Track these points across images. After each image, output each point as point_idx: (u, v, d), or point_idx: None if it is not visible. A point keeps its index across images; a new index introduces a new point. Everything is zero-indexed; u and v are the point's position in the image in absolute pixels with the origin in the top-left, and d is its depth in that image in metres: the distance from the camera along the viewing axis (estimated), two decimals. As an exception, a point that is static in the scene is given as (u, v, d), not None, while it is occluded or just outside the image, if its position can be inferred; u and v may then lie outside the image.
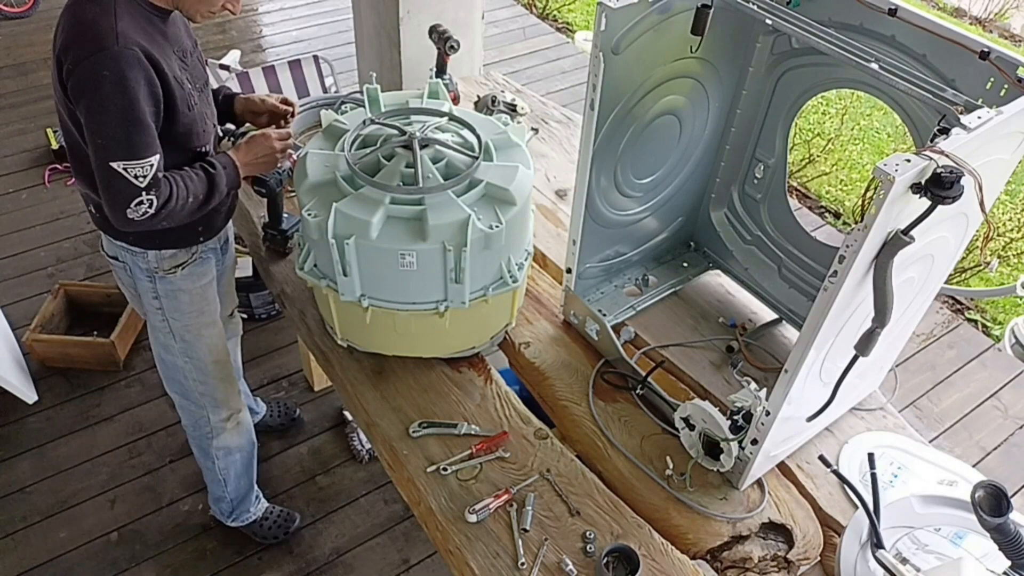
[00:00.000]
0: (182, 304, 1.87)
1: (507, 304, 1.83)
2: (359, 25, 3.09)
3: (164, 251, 1.78)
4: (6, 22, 4.96)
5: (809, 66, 1.72)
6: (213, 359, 2.00)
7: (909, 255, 1.24)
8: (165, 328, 1.90)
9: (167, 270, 1.80)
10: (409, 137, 1.70)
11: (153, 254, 1.77)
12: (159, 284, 1.82)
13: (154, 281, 1.82)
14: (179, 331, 1.91)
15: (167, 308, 1.87)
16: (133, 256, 1.78)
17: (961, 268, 3.71)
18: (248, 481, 2.33)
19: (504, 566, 1.47)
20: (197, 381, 2.01)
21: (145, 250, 1.76)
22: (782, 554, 1.54)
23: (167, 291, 1.84)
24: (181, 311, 1.88)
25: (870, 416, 1.81)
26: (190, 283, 1.86)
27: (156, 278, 1.81)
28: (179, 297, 1.86)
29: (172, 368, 2.00)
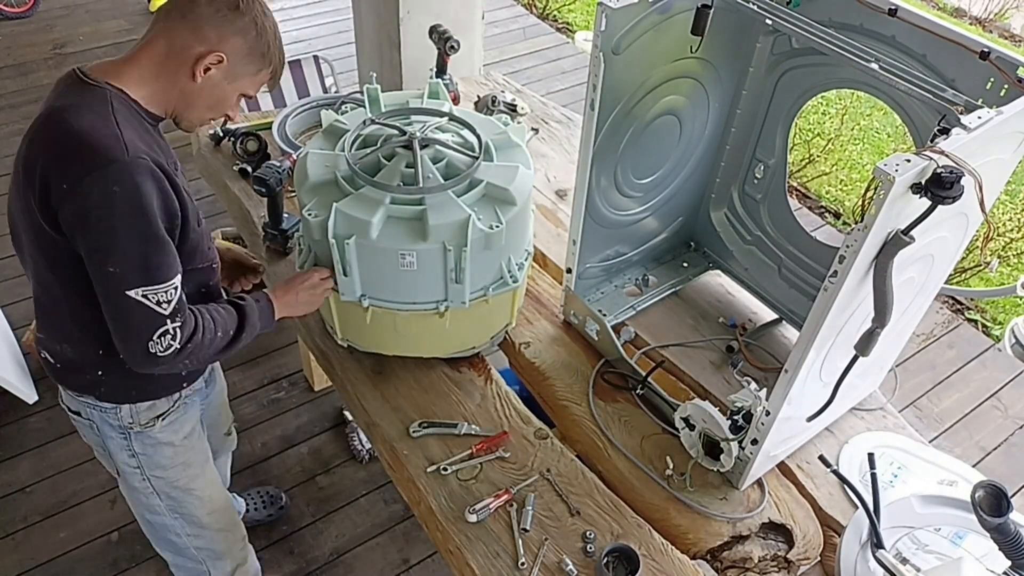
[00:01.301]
0: (164, 459, 1.60)
1: (507, 304, 1.83)
2: (359, 25, 3.09)
3: (139, 404, 1.51)
4: (6, 22, 4.96)
5: (809, 66, 1.72)
6: (208, 511, 1.74)
7: (909, 255, 1.24)
8: (147, 488, 1.63)
9: (144, 424, 1.53)
10: (409, 137, 1.70)
11: (127, 408, 1.51)
12: (135, 441, 1.55)
13: (129, 438, 1.54)
14: (164, 489, 1.64)
15: (146, 466, 1.59)
16: (102, 413, 1.51)
17: (961, 268, 3.71)
18: None
19: (504, 566, 1.47)
20: (192, 536, 1.75)
21: (117, 405, 1.50)
22: (782, 554, 1.54)
23: (146, 447, 1.57)
24: (164, 467, 1.61)
25: (870, 416, 1.81)
26: (173, 435, 1.59)
27: (131, 435, 1.54)
28: (161, 451, 1.59)
29: (160, 528, 1.73)
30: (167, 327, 1.30)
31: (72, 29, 4.96)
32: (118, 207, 1.22)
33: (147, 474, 1.61)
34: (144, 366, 1.33)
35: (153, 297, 1.28)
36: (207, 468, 1.73)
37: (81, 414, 1.55)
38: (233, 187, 2.32)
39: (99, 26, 5.02)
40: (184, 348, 1.34)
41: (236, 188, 2.31)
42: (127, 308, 1.27)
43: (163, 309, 1.29)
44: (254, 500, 2.49)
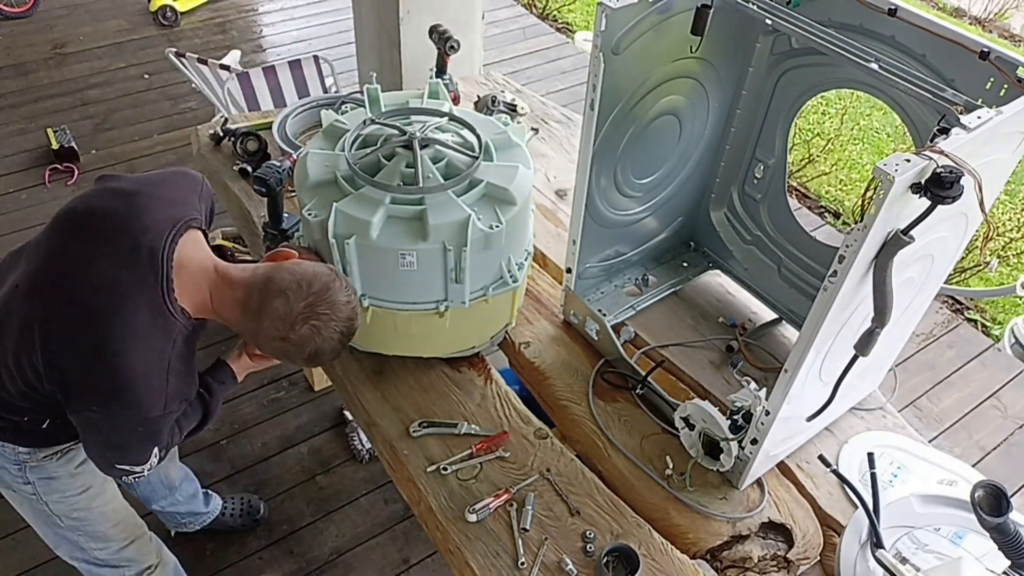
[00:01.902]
0: (62, 486, 1.57)
1: (507, 304, 1.83)
2: (359, 25, 3.09)
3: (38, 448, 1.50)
4: (6, 22, 4.96)
5: (809, 66, 1.72)
6: (112, 524, 1.71)
7: (909, 255, 1.24)
8: (43, 510, 1.59)
9: (40, 459, 1.51)
10: (409, 137, 1.70)
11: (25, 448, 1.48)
12: (29, 472, 1.52)
13: (24, 470, 1.51)
14: (64, 512, 1.61)
15: (43, 492, 1.56)
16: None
17: (961, 268, 3.71)
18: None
19: (504, 566, 1.47)
20: (99, 549, 1.72)
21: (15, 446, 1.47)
22: (782, 554, 1.54)
23: (41, 478, 1.54)
24: (62, 492, 1.58)
25: (870, 416, 1.81)
26: (68, 465, 1.56)
27: (27, 468, 1.51)
28: (58, 481, 1.55)
29: (65, 543, 1.70)
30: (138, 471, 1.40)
31: (72, 29, 4.96)
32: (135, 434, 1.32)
33: (43, 499, 1.58)
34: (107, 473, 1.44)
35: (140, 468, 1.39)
36: (107, 485, 1.70)
37: None
38: (233, 187, 2.32)
39: (99, 26, 5.02)
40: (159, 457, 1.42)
41: (236, 188, 2.31)
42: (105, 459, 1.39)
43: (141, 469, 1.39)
44: (232, 505, 2.44)
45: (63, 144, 3.85)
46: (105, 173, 1.45)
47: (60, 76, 4.53)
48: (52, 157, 3.87)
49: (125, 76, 4.58)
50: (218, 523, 2.38)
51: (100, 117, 4.25)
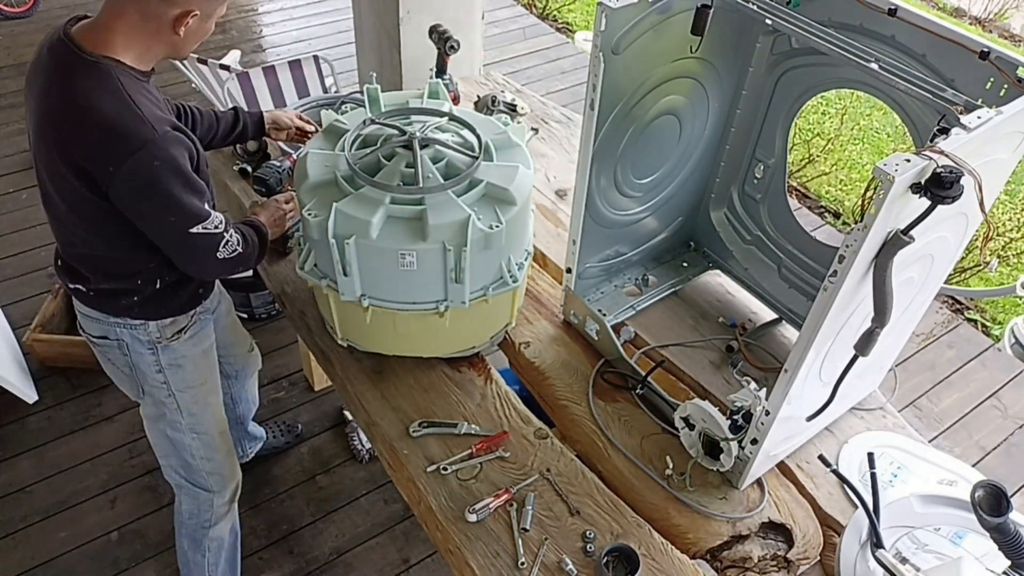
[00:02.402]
0: (187, 374, 1.80)
1: (507, 304, 1.83)
2: (359, 25, 3.09)
3: (164, 320, 1.71)
4: (6, 22, 4.96)
5: (809, 66, 1.72)
6: (219, 430, 1.94)
7: (909, 255, 1.24)
8: (172, 404, 1.81)
9: (170, 338, 1.72)
10: (409, 137, 1.70)
11: (154, 324, 1.70)
12: (162, 355, 1.74)
13: (157, 352, 1.73)
14: (186, 404, 1.82)
15: (172, 381, 1.78)
16: (132, 331, 1.69)
17: (961, 268, 3.71)
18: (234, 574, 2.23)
19: (504, 566, 1.47)
20: (204, 459, 1.92)
21: (146, 321, 1.69)
22: (782, 554, 1.54)
23: (171, 361, 1.76)
24: (187, 382, 1.80)
25: (870, 416, 1.81)
26: (193, 349, 1.79)
27: (159, 348, 1.73)
28: (184, 366, 1.78)
29: (179, 447, 1.89)
30: (227, 238, 1.57)
31: (72, 29, 4.96)
32: (164, 175, 1.43)
33: (172, 389, 1.79)
34: (216, 274, 1.65)
35: (209, 227, 1.53)
36: (219, 390, 1.94)
37: (109, 336, 1.72)
38: (233, 187, 2.32)
39: (99, 26, 5.02)
40: (243, 251, 1.61)
41: (236, 188, 2.31)
42: (193, 242, 1.53)
43: (219, 229, 1.55)
44: (272, 430, 2.70)
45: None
46: None
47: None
48: (52, 157, 3.87)
49: (125, 76, 4.57)
50: (268, 448, 2.67)
51: (100, 117, 4.24)
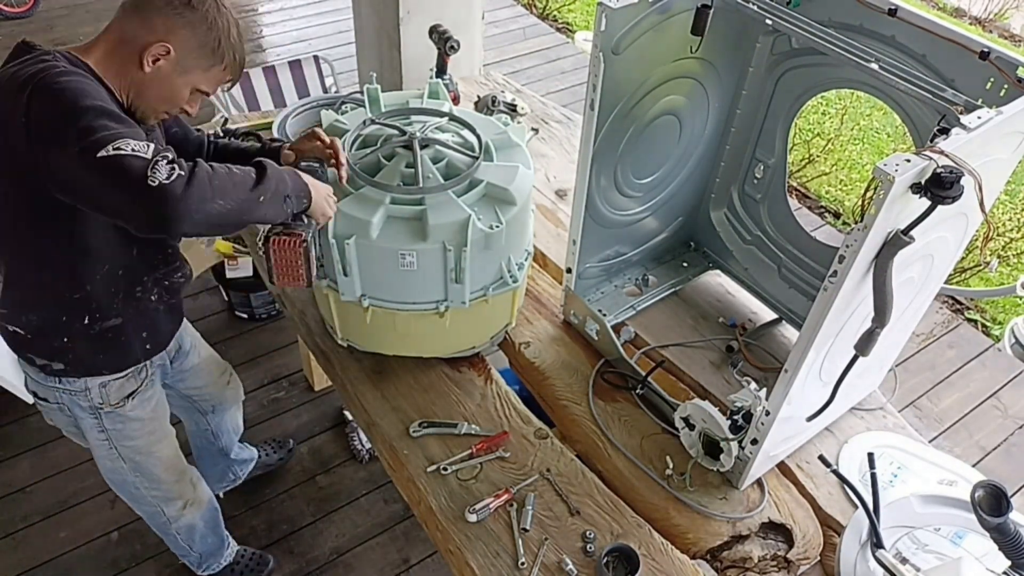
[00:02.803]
0: (133, 432, 1.71)
1: (507, 304, 1.83)
2: (359, 25, 3.09)
3: (109, 380, 1.58)
4: (6, 22, 4.96)
5: (809, 66, 1.72)
6: (164, 467, 1.86)
7: (909, 255, 1.24)
8: (113, 455, 1.74)
9: (115, 404, 1.61)
10: (409, 137, 1.70)
11: (96, 387, 1.57)
12: (105, 420, 1.64)
13: (100, 418, 1.63)
14: (128, 455, 1.75)
15: (115, 438, 1.70)
16: (71, 396, 1.57)
17: (961, 268, 3.71)
18: (216, 538, 2.21)
19: (504, 566, 1.47)
20: (148, 488, 1.87)
21: (84, 378, 1.55)
22: (782, 554, 1.54)
23: (115, 424, 1.66)
24: (131, 437, 1.72)
25: (870, 416, 1.81)
26: (142, 411, 1.69)
27: (102, 414, 1.62)
28: (130, 426, 1.69)
29: (121, 485, 1.86)
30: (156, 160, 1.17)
31: (72, 29, 4.96)
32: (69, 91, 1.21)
33: (115, 445, 1.72)
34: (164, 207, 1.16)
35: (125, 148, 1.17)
36: (168, 430, 1.84)
37: (49, 399, 1.61)
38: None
39: (99, 26, 4.92)
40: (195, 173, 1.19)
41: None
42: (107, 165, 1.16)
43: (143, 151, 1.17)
44: (264, 448, 2.62)
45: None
46: None
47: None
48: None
49: (125, 76, 4.58)
50: (260, 466, 2.57)
51: (100, 117, 4.24)
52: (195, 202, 1.18)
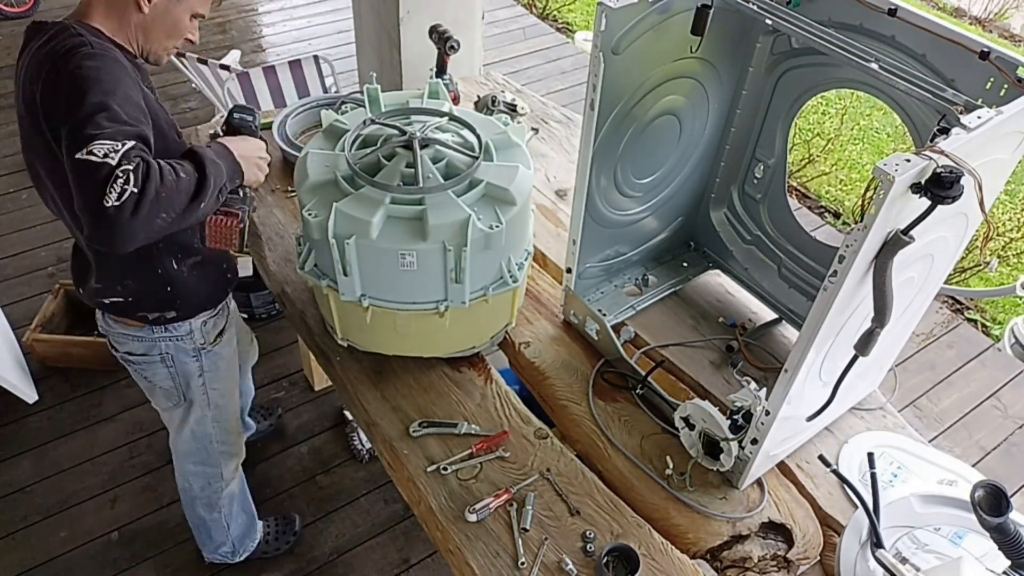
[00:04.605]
0: (222, 372, 1.88)
1: (507, 304, 1.83)
2: (359, 25, 3.09)
3: (206, 320, 1.77)
4: (6, 22, 4.96)
5: (809, 66, 1.72)
6: (234, 417, 2.02)
7: (909, 255, 1.24)
8: (204, 400, 1.88)
9: (212, 342, 1.80)
10: (409, 137, 1.70)
11: (199, 327, 1.75)
12: (205, 360, 1.81)
13: (200, 359, 1.80)
14: (215, 400, 1.90)
15: (209, 381, 1.85)
16: (177, 342, 1.74)
17: (961, 268, 3.71)
18: (248, 516, 2.31)
19: (504, 565, 1.47)
20: (221, 443, 2.01)
21: (187, 321, 1.72)
22: (782, 554, 1.54)
23: (211, 364, 1.83)
24: (221, 379, 1.89)
25: (870, 416, 1.81)
26: (228, 348, 1.88)
27: (202, 355, 1.80)
28: (220, 366, 1.86)
29: (201, 437, 1.96)
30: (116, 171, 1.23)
31: (72, 29, 4.96)
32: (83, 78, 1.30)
33: (208, 388, 1.86)
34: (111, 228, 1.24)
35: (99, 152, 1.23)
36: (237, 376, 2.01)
37: (151, 353, 1.73)
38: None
39: (99, 26, 5.02)
40: (144, 191, 1.25)
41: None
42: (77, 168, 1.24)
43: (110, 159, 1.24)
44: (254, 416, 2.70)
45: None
46: None
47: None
48: (52, 157, 3.87)
49: (125, 76, 4.57)
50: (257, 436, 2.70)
51: (100, 117, 4.24)
52: (139, 224, 1.26)
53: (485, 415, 1.76)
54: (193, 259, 1.69)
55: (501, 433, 1.70)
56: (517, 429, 1.73)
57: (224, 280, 1.82)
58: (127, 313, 1.68)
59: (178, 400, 1.87)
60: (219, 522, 2.21)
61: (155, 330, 1.71)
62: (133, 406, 2.84)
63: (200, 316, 1.76)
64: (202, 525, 2.23)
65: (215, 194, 1.43)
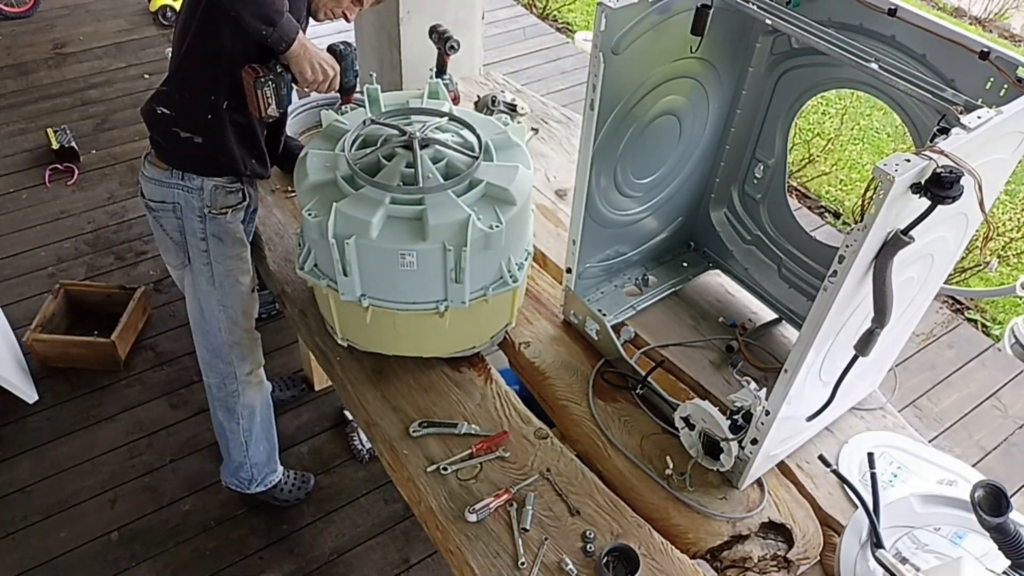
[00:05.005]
0: (226, 247, 1.96)
1: (507, 304, 1.83)
2: (359, 25, 3.09)
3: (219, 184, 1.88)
4: (6, 22, 4.96)
5: (809, 66, 1.72)
6: (243, 309, 2.08)
7: (909, 255, 1.24)
8: (207, 272, 1.98)
9: (219, 209, 1.90)
10: (409, 137, 1.70)
11: (209, 189, 1.87)
12: (209, 224, 1.91)
13: (204, 221, 1.90)
14: (220, 276, 1.99)
15: (213, 251, 1.95)
16: (187, 194, 1.86)
17: (961, 268, 3.71)
18: (269, 445, 2.39)
19: (504, 565, 1.47)
20: (227, 332, 2.09)
21: (202, 178, 1.85)
22: (782, 554, 1.54)
23: (216, 232, 1.92)
24: (225, 254, 1.96)
25: (870, 416, 1.81)
26: (235, 226, 1.96)
27: (207, 218, 1.90)
28: (224, 239, 1.94)
29: (208, 317, 2.06)
30: None
31: (72, 29, 4.96)
32: None
33: (212, 258, 1.96)
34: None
35: None
36: (249, 272, 2.06)
37: (166, 200, 1.88)
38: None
39: (99, 26, 5.02)
40: None
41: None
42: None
43: None
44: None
45: (63, 144, 3.85)
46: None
47: (60, 76, 4.54)
48: (52, 157, 3.88)
49: (125, 76, 4.58)
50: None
51: (100, 117, 4.25)
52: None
53: (485, 415, 1.76)
54: (239, 115, 1.83)
55: (501, 433, 1.70)
56: (517, 429, 1.73)
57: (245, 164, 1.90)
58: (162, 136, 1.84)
59: (184, 259, 1.99)
60: (237, 435, 2.28)
61: (173, 175, 1.85)
62: (133, 406, 2.84)
63: (213, 179, 1.87)
64: (222, 433, 2.31)
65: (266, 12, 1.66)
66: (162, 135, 1.85)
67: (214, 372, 2.18)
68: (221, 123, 1.82)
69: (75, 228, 3.57)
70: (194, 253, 1.96)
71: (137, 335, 3.05)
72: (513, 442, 1.70)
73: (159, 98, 1.85)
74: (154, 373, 2.95)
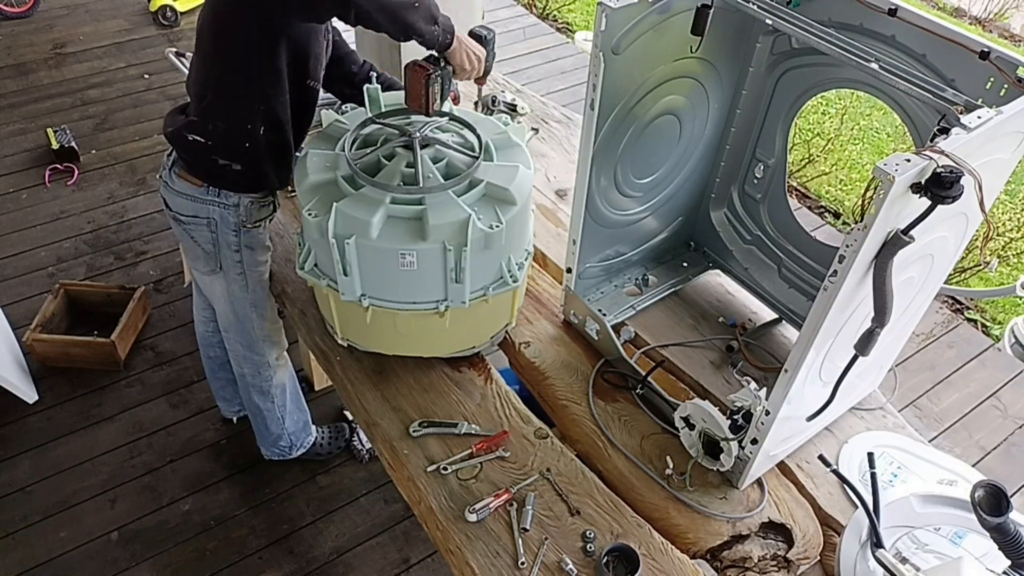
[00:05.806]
0: (256, 254, 2.00)
1: (507, 304, 1.83)
2: (359, 25, 3.09)
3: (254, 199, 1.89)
4: (6, 22, 4.96)
5: (809, 66, 1.72)
6: (270, 305, 2.14)
7: (909, 255, 1.24)
8: (241, 280, 2.02)
9: (253, 223, 1.93)
10: (409, 137, 1.70)
11: (245, 204, 1.88)
12: (244, 237, 1.94)
13: (239, 235, 1.93)
14: (252, 282, 2.04)
15: (246, 260, 1.98)
16: (223, 210, 1.87)
17: (961, 268, 3.71)
18: (302, 413, 2.49)
19: (504, 565, 1.47)
20: (259, 328, 2.15)
21: (239, 194, 1.86)
22: (782, 553, 1.54)
23: (248, 243, 1.96)
24: (256, 262, 2.01)
25: (870, 416, 1.81)
26: (264, 238, 2.02)
27: (242, 232, 1.93)
28: (255, 248, 1.99)
29: (242, 318, 2.11)
30: None
31: (72, 29, 4.96)
32: None
33: (245, 268, 2.00)
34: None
35: None
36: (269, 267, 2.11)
37: (200, 215, 1.89)
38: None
39: (99, 26, 5.02)
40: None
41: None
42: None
43: None
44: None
45: (63, 144, 3.85)
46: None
47: (60, 76, 4.53)
48: (52, 157, 3.87)
49: (125, 76, 4.58)
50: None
51: (100, 117, 4.25)
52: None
53: (485, 415, 1.76)
54: (275, 136, 1.82)
55: (501, 433, 1.71)
56: (517, 429, 1.73)
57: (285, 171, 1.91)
58: (197, 160, 1.83)
59: (215, 266, 2.00)
60: (273, 413, 2.37)
61: (209, 191, 1.85)
62: (133, 406, 2.84)
63: (249, 195, 1.89)
64: (259, 414, 2.38)
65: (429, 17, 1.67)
66: (195, 158, 1.84)
67: (248, 364, 2.24)
68: (259, 149, 1.81)
69: (75, 228, 3.57)
70: (227, 264, 1.99)
71: (137, 335, 3.05)
72: (513, 442, 1.70)
73: (190, 127, 1.81)
74: (154, 373, 2.95)
